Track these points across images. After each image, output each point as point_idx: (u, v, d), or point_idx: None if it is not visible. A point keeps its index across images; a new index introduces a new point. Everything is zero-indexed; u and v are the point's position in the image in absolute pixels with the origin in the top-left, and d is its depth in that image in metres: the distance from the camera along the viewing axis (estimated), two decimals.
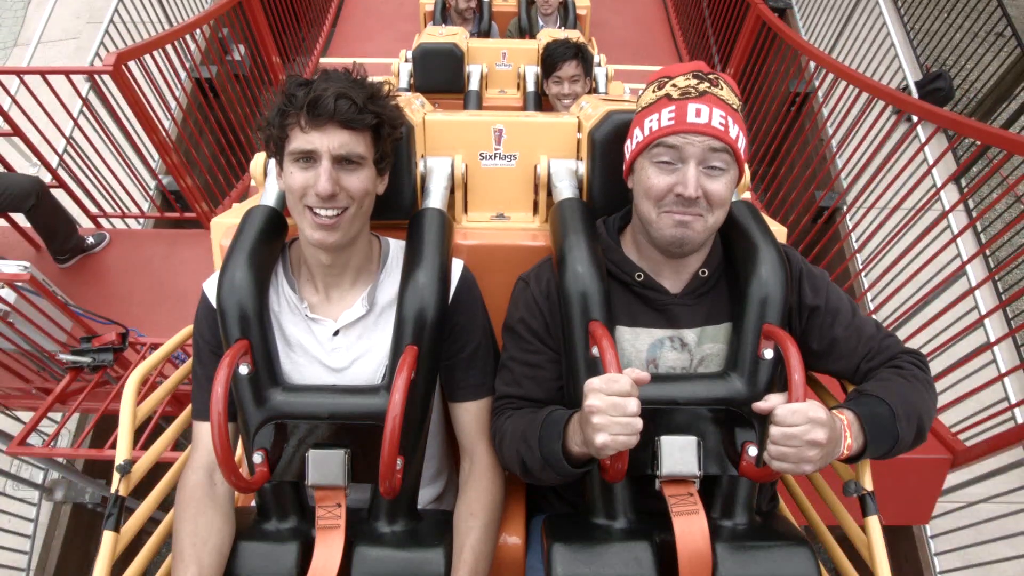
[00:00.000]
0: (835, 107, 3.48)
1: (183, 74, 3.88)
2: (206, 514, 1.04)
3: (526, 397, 1.10)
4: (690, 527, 0.96)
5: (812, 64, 3.79)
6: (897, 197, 2.88)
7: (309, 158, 1.00)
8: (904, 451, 1.00)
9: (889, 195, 2.97)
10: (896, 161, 2.93)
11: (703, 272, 1.08)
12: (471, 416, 1.15)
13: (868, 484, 1.03)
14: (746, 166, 1.32)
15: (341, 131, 1.00)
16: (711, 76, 1.00)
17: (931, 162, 2.95)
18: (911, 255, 2.78)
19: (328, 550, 1.00)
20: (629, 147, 1.07)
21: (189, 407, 1.17)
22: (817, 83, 3.81)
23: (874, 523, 1.01)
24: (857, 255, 3.49)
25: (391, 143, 1.09)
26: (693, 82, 0.98)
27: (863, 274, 3.28)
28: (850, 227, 3.60)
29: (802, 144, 3.90)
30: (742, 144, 1.00)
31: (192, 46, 4.07)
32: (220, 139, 4.10)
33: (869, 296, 3.27)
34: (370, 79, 1.06)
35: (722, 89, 0.99)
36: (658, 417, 0.98)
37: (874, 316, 2.98)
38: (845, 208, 3.55)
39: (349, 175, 1.02)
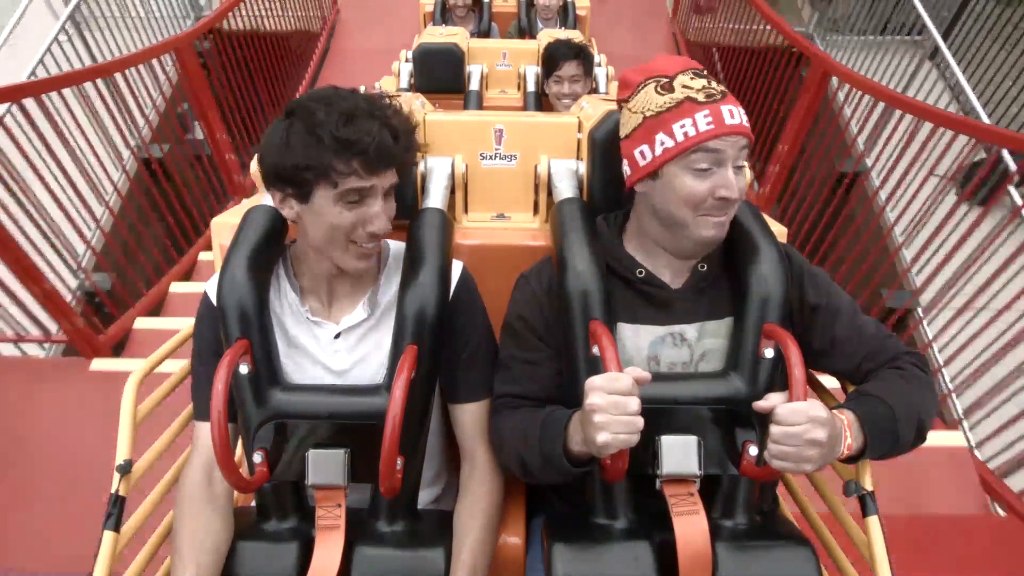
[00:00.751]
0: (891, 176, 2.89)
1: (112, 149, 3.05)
2: (205, 514, 1.04)
3: (524, 395, 1.10)
4: (690, 527, 0.96)
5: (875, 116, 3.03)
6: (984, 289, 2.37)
7: (360, 195, 0.98)
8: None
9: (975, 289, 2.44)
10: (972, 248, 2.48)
11: (702, 267, 1.08)
12: (471, 418, 1.15)
13: (868, 484, 1.03)
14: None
15: (392, 168, 1.00)
16: (706, 72, 1.00)
17: None
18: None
19: (328, 550, 1.00)
20: (649, 153, 1.00)
21: (190, 406, 1.17)
22: (879, 148, 3.07)
23: (874, 523, 1.01)
24: (945, 371, 2.79)
25: None
26: (704, 82, 0.98)
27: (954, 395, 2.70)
28: (929, 333, 2.91)
29: (855, 232, 3.24)
30: None
31: (140, 119, 3.26)
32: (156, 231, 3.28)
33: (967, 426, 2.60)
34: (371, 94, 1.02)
35: (721, 83, 1.00)
36: (658, 416, 0.98)
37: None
38: (920, 310, 3.00)
39: (388, 204, 1.03)
